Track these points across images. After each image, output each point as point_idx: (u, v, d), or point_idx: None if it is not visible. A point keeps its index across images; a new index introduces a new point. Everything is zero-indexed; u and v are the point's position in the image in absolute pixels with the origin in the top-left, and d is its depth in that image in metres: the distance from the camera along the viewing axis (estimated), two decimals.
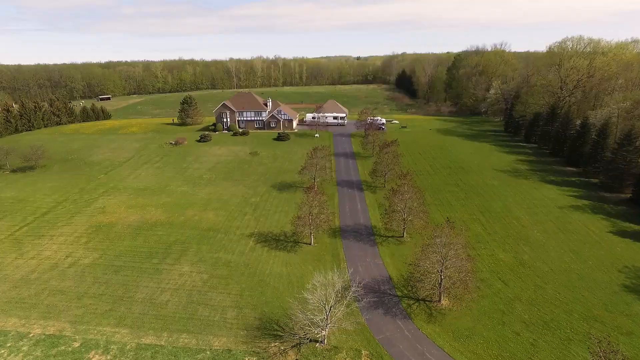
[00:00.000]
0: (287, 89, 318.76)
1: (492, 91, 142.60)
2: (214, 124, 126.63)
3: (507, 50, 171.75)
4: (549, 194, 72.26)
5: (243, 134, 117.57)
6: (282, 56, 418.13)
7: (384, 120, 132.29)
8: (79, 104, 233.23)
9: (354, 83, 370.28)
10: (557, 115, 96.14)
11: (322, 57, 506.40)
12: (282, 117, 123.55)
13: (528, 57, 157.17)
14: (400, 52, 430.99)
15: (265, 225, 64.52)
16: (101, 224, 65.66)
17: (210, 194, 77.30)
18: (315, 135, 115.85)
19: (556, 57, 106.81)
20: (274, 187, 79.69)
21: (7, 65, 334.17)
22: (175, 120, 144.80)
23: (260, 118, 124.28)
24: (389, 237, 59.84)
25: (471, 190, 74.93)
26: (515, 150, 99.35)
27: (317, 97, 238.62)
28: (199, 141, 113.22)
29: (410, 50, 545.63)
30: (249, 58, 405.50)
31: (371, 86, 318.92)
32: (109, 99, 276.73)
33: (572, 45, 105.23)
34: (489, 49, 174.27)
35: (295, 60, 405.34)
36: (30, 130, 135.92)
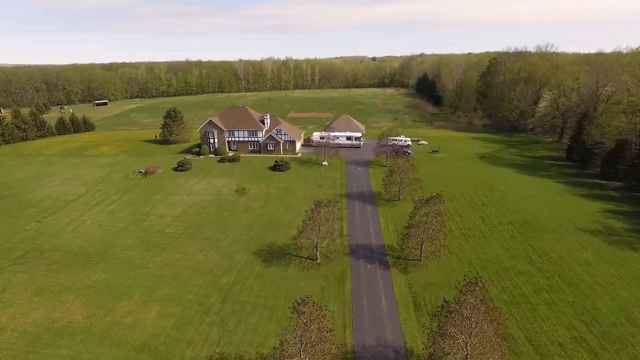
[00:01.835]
0: (298, 92, 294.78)
1: (542, 104, 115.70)
2: (199, 145, 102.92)
3: (554, 52, 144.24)
4: None
5: (232, 159, 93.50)
6: (294, 57, 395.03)
7: (409, 142, 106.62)
8: (67, 111, 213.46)
9: (369, 86, 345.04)
10: None
11: (336, 58, 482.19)
12: (283, 139, 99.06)
13: (590, 61, 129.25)
14: (418, 53, 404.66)
15: (234, 340, 40.07)
16: None
17: (166, 265, 53.23)
18: (323, 163, 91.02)
19: None
20: (258, 255, 55.17)
21: (5, 66, 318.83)
22: (158, 137, 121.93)
23: (256, 139, 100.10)
24: None
25: (555, 273, 49.08)
26: (596, 193, 72.71)
27: (330, 103, 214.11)
28: (176, 169, 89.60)
29: (428, 50, 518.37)
30: (259, 59, 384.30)
31: (389, 90, 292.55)
32: (105, 104, 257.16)
33: None
34: (532, 51, 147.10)
35: (307, 61, 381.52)
36: None
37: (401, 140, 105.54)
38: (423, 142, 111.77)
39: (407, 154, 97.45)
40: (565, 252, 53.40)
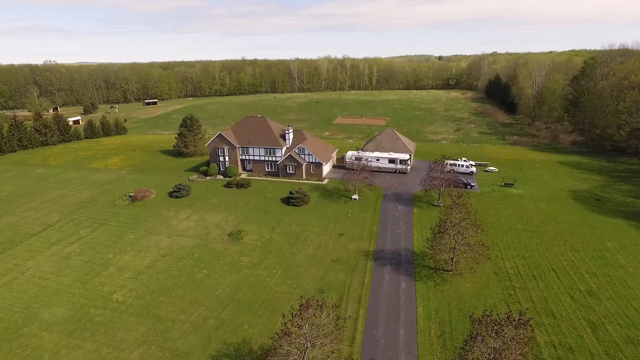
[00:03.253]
0: (351, 94, 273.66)
1: None
2: (208, 163, 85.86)
3: None
4: None
5: (241, 185, 74.91)
6: (352, 56, 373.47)
7: (473, 168, 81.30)
8: (114, 111, 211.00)
9: (432, 88, 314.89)
10: None
11: (398, 57, 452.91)
12: (306, 160, 78.63)
13: None
14: (490, 52, 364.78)
15: None
16: None
17: None
18: (353, 197, 69.12)
19: None
20: None
21: (70, 65, 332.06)
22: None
23: (274, 158, 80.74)
24: None
25: None
26: None
27: (383, 107, 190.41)
28: (171, 195, 72.95)
29: (502, 49, 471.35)
30: (315, 58, 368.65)
31: (453, 93, 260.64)
32: (155, 103, 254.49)
33: None
34: None
35: (365, 60, 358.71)
36: None
37: (462, 165, 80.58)
38: (492, 168, 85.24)
39: (468, 186, 72.62)
40: None
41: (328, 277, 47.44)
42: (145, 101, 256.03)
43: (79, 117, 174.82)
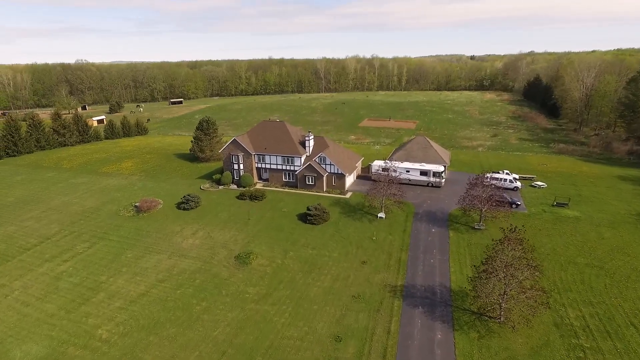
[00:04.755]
0: (379, 95, 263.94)
1: None
2: (221, 171, 79.49)
3: None
4: None
5: (254, 196, 67.94)
6: (380, 55, 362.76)
7: (517, 182, 71.21)
8: (139, 111, 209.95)
9: (464, 89, 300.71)
10: None
11: (428, 57, 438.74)
12: (327, 170, 70.83)
13: None
14: (527, 51, 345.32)
15: None
16: None
17: None
18: (379, 215, 60.75)
19: None
20: None
21: (101, 64, 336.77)
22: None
23: (292, 167, 73.40)
24: None
25: None
26: None
27: (413, 109, 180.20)
28: (179, 206, 66.84)
29: (539, 49, 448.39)
30: (343, 57, 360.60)
31: (487, 95, 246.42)
32: (180, 102, 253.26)
33: None
34: None
35: (394, 60, 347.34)
36: (14, 155, 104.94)
37: (504, 179, 70.66)
38: (539, 183, 74.68)
39: (514, 205, 62.85)
40: None
41: (347, 319, 39.57)
42: (171, 100, 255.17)
43: (103, 117, 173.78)
